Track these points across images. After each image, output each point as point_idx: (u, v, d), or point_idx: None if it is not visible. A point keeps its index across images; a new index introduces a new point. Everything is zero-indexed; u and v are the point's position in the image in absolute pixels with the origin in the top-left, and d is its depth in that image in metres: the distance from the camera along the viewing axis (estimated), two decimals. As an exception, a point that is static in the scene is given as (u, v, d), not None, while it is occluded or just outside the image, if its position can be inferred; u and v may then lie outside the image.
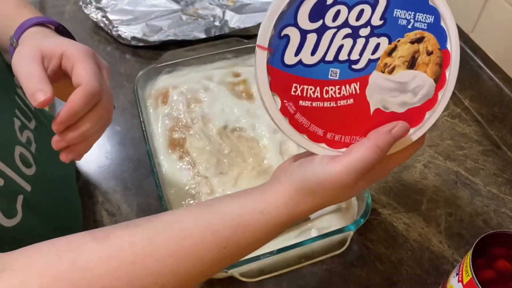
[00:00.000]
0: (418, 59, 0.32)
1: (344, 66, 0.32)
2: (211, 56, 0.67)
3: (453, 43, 0.33)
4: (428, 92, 0.33)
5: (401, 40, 0.32)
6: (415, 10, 0.32)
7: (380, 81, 0.32)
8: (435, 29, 0.32)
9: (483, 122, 0.65)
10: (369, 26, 0.31)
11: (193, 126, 0.58)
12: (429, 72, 0.33)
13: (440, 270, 0.50)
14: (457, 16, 0.74)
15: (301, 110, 0.33)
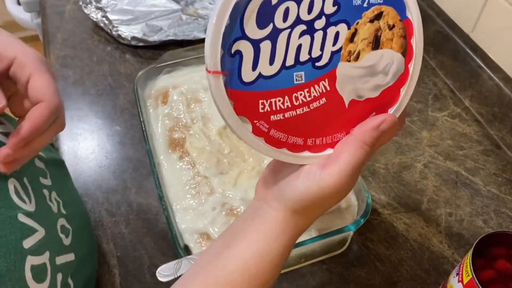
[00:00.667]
0: (381, 37, 0.30)
1: (307, 67, 0.29)
2: (211, 56, 0.66)
3: (413, 11, 0.30)
4: (398, 68, 0.31)
5: (359, 21, 0.30)
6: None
7: (347, 71, 0.30)
8: (391, 1, 0.30)
9: (483, 122, 0.65)
10: (324, 16, 0.29)
11: (193, 126, 0.58)
12: (395, 47, 0.31)
13: (440, 270, 0.50)
14: (457, 16, 0.75)
15: (274, 125, 0.30)
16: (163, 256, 0.50)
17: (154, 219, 0.53)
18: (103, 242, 0.51)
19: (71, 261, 0.40)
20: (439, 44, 0.72)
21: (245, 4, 0.27)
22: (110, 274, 0.49)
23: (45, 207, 0.39)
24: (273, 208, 0.32)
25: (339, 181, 0.30)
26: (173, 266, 0.42)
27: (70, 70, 0.71)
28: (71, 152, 0.60)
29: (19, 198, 0.35)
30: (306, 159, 0.32)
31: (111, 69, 0.71)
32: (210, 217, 0.50)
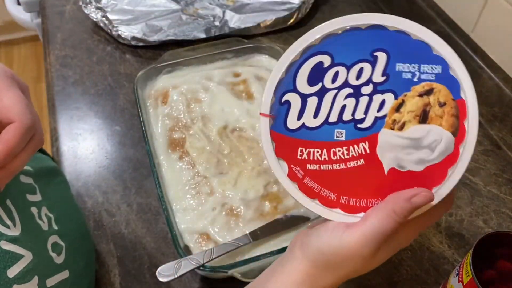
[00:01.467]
0: (430, 112, 0.30)
1: (349, 126, 0.31)
2: (211, 56, 0.67)
3: (467, 91, 0.30)
4: (447, 146, 0.30)
5: (408, 94, 0.30)
6: (419, 62, 0.30)
7: (390, 138, 0.31)
8: (445, 79, 0.30)
9: (483, 122, 0.65)
10: (371, 83, 0.31)
11: (193, 126, 0.58)
12: (445, 125, 0.30)
13: (440, 270, 0.50)
14: (457, 16, 0.75)
15: (310, 174, 0.32)
16: (163, 256, 0.50)
17: (154, 219, 0.53)
18: (103, 242, 0.51)
19: (65, 278, 0.39)
20: (439, 44, 0.72)
21: (301, 63, 0.32)
22: (110, 274, 0.48)
23: (32, 227, 0.38)
24: (296, 258, 0.32)
25: (360, 244, 0.29)
26: (173, 266, 0.42)
27: (70, 70, 0.71)
28: (71, 152, 0.60)
29: (1, 224, 0.34)
30: (337, 216, 0.32)
31: (111, 69, 0.71)
32: (210, 217, 0.50)
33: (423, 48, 0.30)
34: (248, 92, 0.63)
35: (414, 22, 0.30)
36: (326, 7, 0.84)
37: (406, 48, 0.30)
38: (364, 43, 0.31)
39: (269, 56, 0.68)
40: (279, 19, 0.77)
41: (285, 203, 0.51)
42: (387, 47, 0.31)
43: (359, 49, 0.31)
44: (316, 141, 0.32)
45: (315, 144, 0.32)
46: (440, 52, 0.30)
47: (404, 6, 0.79)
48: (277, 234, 0.48)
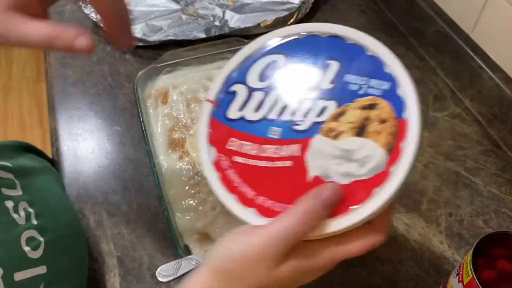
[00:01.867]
0: (368, 127, 0.29)
1: (286, 126, 0.30)
2: (211, 56, 0.66)
3: (412, 113, 0.28)
4: (377, 164, 0.28)
5: (350, 105, 0.30)
6: (369, 76, 0.30)
7: (323, 145, 0.29)
8: (390, 97, 0.29)
9: (483, 122, 0.65)
10: (318, 89, 0.31)
11: (193, 126, 0.58)
12: (381, 142, 0.28)
13: (441, 270, 0.50)
14: (457, 16, 0.75)
15: (235, 166, 0.31)
16: (163, 256, 0.50)
17: (154, 219, 0.53)
18: (103, 242, 0.51)
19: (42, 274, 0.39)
20: (439, 44, 0.72)
21: (256, 59, 0.33)
22: (110, 274, 0.48)
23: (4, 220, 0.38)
24: (201, 268, 0.29)
25: (264, 245, 0.27)
26: (173, 266, 0.42)
27: (70, 70, 0.71)
28: (71, 152, 0.60)
29: None
30: (250, 216, 0.30)
31: (111, 69, 0.71)
32: (210, 217, 0.50)
33: (376, 64, 0.30)
34: (248, 92, 0.63)
35: (373, 38, 0.32)
36: (326, 7, 0.84)
37: (359, 61, 0.31)
38: (320, 50, 0.31)
39: (269, 56, 0.68)
40: (279, 19, 0.77)
41: (285, 203, 0.51)
42: (341, 57, 0.31)
43: (314, 55, 0.31)
44: (250, 135, 0.31)
45: (248, 137, 0.31)
46: (392, 70, 0.30)
47: (404, 6, 0.79)
48: (277, 234, 0.48)
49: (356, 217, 0.27)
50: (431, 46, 0.73)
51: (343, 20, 0.82)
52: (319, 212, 0.27)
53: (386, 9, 0.84)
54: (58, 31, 0.30)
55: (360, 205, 0.28)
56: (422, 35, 0.75)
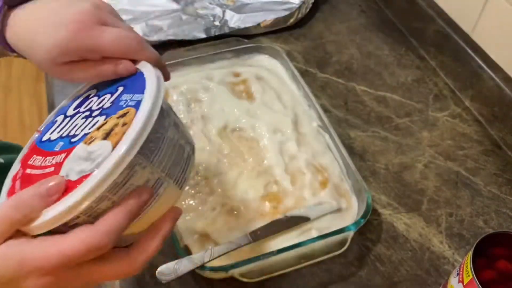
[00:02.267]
0: (113, 131, 0.31)
1: (67, 140, 0.34)
2: (211, 56, 0.66)
3: (142, 110, 0.31)
4: (103, 160, 0.29)
5: (113, 116, 0.33)
6: (135, 92, 0.34)
7: (78, 150, 0.31)
8: (138, 105, 0.32)
9: (483, 122, 0.65)
10: (101, 109, 0.35)
11: (193, 126, 0.58)
12: (114, 141, 0.30)
13: (441, 271, 0.50)
14: (458, 15, 0.75)
15: (22, 176, 0.34)
16: (163, 256, 0.50)
17: (154, 219, 0.53)
18: (103, 242, 0.51)
19: None
20: (440, 44, 0.72)
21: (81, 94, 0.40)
22: (110, 274, 0.48)
23: None
24: None
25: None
26: (173, 266, 0.42)
27: (70, 70, 0.71)
28: (71, 152, 0.60)
29: None
30: None
31: (111, 69, 0.71)
32: (210, 217, 0.50)
33: (142, 81, 0.34)
34: (248, 92, 0.63)
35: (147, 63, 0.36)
36: (326, 7, 0.84)
37: (136, 83, 0.35)
38: (118, 79, 0.37)
39: (269, 56, 0.68)
40: (279, 19, 0.77)
41: (285, 203, 0.51)
42: (127, 83, 0.36)
43: (112, 84, 0.37)
44: (45, 151, 0.35)
45: (43, 153, 0.34)
46: (147, 83, 0.34)
47: (404, 6, 0.79)
48: (277, 234, 0.48)
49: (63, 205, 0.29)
50: (431, 46, 0.73)
51: (343, 20, 0.82)
52: (33, 201, 0.28)
53: (386, 9, 0.84)
54: (97, 71, 0.36)
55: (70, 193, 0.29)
56: (422, 35, 0.75)
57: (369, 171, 0.59)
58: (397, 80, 0.71)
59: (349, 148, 0.61)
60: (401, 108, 0.67)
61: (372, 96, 0.68)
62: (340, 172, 0.55)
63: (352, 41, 0.77)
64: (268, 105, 0.61)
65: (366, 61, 0.74)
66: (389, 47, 0.76)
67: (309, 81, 0.70)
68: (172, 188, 0.34)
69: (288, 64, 0.65)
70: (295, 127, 0.59)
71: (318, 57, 0.74)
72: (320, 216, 0.50)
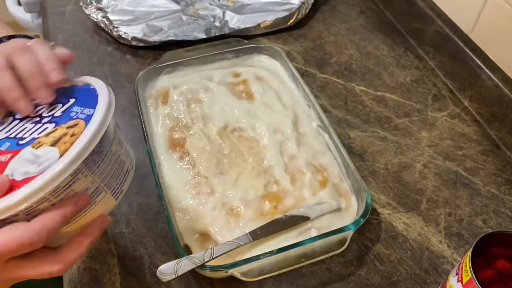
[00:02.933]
0: (62, 139, 0.34)
1: (14, 141, 0.36)
2: (211, 56, 0.67)
3: (92, 124, 0.35)
4: (49, 164, 0.32)
5: (62, 125, 0.36)
6: (86, 106, 0.37)
7: (25, 153, 0.34)
8: (87, 119, 0.35)
9: (482, 122, 0.65)
10: (52, 116, 0.38)
11: (193, 126, 0.59)
12: (62, 149, 0.33)
13: (440, 270, 0.50)
14: (457, 16, 0.75)
15: None
16: (163, 256, 0.50)
17: (155, 218, 0.53)
18: (103, 242, 0.51)
19: None
20: (439, 44, 0.72)
21: None
22: (110, 274, 0.49)
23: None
24: None
25: None
26: (173, 265, 0.42)
27: (70, 70, 0.71)
28: (72, 152, 0.61)
29: None
30: None
31: (112, 69, 0.71)
32: (210, 217, 0.50)
33: (95, 97, 0.38)
34: (248, 92, 0.63)
35: (100, 80, 0.40)
36: (326, 7, 0.85)
37: (88, 98, 0.38)
38: (71, 92, 0.40)
39: (269, 56, 0.69)
40: (279, 20, 0.77)
41: (285, 203, 0.52)
42: (78, 96, 0.39)
43: (64, 94, 0.39)
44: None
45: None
46: (99, 100, 0.37)
47: (404, 7, 0.79)
48: (277, 234, 0.49)
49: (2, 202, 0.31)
50: (430, 46, 0.74)
51: (342, 21, 0.82)
52: None
53: (385, 10, 0.84)
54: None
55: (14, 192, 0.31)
56: (422, 35, 0.75)
57: (369, 171, 0.59)
58: (396, 80, 0.71)
59: (349, 148, 0.61)
60: (400, 108, 0.67)
61: (372, 96, 0.68)
62: (339, 172, 0.55)
63: (352, 41, 0.78)
64: (268, 105, 0.61)
65: (365, 62, 0.74)
66: (388, 47, 0.77)
67: (308, 81, 0.70)
68: (108, 198, 0.37)
69: (288, 64, 0.66)
70: (295, 127, 0.59)
71: (318, 58, 0.74)
72: (319, 216, 0.50)
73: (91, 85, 0.40)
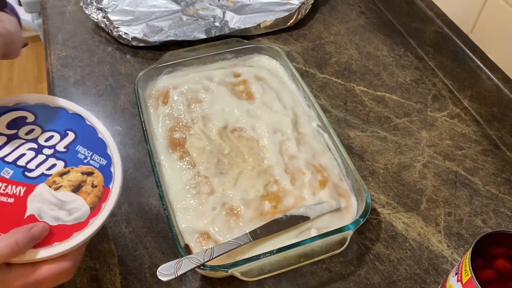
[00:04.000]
0: (83, 187, 0.38)
1: (19, 170, 0.37)
2: (211, 57, 0.67)
3: (115, 186, 0.40)
4: (81, 215, 0.37)
5: (75, 168, 0.39)
6: (94, 151, 0.41)
7: (44, 192, 0.37)
8: (104, 171, 0.40)
9: (482, 122, 0.65)
10: (53, 149, 0.39)
11: (193, 126, 0.59)
12: (88, 201, 0.38)
13: (439, 270, 0.50)
14: (456, 16, 0.75)
15: None
16: (164, 256, 0.50)
17: (155, 218, 0.53)
18: (103, 241, 0.51)
19: None
20: (438, 44, 0.72)
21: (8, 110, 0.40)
22: (110, 274, 0.49)
23: None
24: None
25: None
26: (173, 265, 0.43)
27: (71, 70, 0.71)
28: (72, 152, 0.61)
29: None
30: None
31: (112, 69, 0.71)
32: (210, 217, 0.50)
33: (102, 144, 0.41)
34: (248, 92, 0.63)
35: (104, 127, 0.43)
36: (326, 8, 0.85)
37: (90, 138, 0.41)
38: (65, 121, 0.41)
39: (269, 56, 0.69)
40: (279, 20, 0.77)
41: (285, 203, 0.52)
42: (78, 131, 0.41)
43: (59, 123, 0.41)
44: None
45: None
46: (111, 152, 0.41)
47: (403, 7, 0.79)
48: (277, 234, 0.49)
49: (56, 250, 0.36)
50: (430, 46, 0.74)
51: (342, 21, 0.82)
52: (26, 242, 0.34)
53: (385, 10, 0.84)
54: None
55: (62, 242, 0.36)
56: (421, 36, 0.75)
57: (368, 170, 0.59)
58: (396, 81, 0.71)
59: (349, 148, 0.61)
60: (400, 108, 0.67)
61: (371, 96, 0.69)
62: (339, 171, 0.55)
63: (352, 41, 0.78)
64: (268, 105, 0.61)
65: (365, 62, 0.74)
66: (388, 47, 0.77)
67: (308, 81, 0.70)
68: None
69: (288, 64, 0.66)
70: (295, 127, 0.59)
71: (318, 58, 0.75)
72: (319, 216, 0.50)
73: (87, 120, 0.43)
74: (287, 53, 0.75)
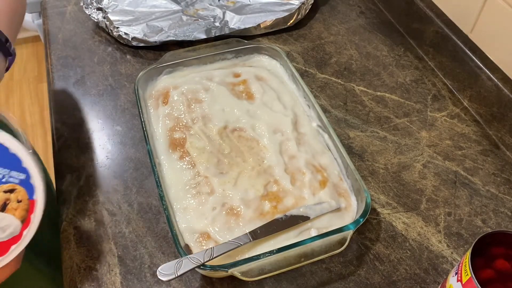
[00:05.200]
0: (8, 205, 0.40)
1: None
2: (212, 57, 0.67)
3: (39, 196, 0.41)
4: (14, 230, 0.40)
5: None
6: (10, 168, 0.41)
7: None
8: (25, 184, 0.41)
9: (482, 122, 0.65)
10: None
11: (193, 126, 0.59)
12: (17, 215, 0.40)
13: (439, 270, 0.50)
14: (456, 16, 0.75)
15: None
16: (164, 256, 0.50)
17: (155, 218, 0.53)
18: (104, 241, 0.51)
19: None
20: (438, 44, 0.72)
21: None
22: (110, 273, 0.49)
23: None
24: None
25: None
26: (173, 265, 0.43)
27: (71, 70, 0.71)
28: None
29: None
30: None
31: (112, 69, 0.71)
32: (210, 216, 0.50)
33: (16, 160, 0.41)
34: (248, 92, 0.63)
35: (16, 141, 0.42)
36: (326, 8, 0.85)
37: (2, 157, 0.41)
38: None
39: (269, 56, 0.69)
40: (279, 20, 0.77)
41: (285, 203, 0.52)
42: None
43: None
44: None
45: None
46: (27, 166, 0.42)
47: (403, 7, 0.79)
48: (277, 234, 0.49)
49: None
50: (430, 46, 0.74)
51: (342, 21, 0.82)
52: None
53: (385, 10, 0.84)
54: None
55: (2, 257, 0.39)
56: (421, 36, 0.75)
57: (368, 170, 0.59)
58: (396, 81, 0.71)
59: (348, 148, 0.61)
60: (399, 108, 0.67)
61: (371, 97, 0.69)
62: (339, 171, 0.55)
63: (351, 41, 0.78)
64: (268, 105, 0.61)
65: (365, 62, 0.74)
66: (388, 47, 0.77)
67: (308, 81, 0.70)
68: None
69: (288, 64, 0.66)
70: (295, 127, 0.59)
71: (318, 58, 0.75)
72: (319, 216, 0.51)
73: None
74: (287, 53, 0.75)
